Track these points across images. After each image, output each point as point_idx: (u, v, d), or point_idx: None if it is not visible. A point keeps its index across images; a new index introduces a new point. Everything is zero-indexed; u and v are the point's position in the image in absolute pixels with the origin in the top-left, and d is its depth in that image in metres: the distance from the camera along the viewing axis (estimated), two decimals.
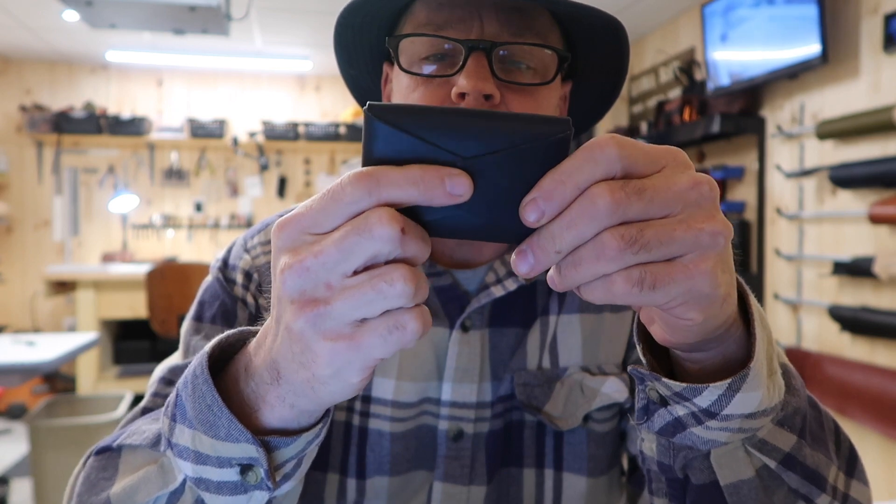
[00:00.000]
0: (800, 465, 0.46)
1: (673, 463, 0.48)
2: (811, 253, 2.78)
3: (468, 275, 0.68)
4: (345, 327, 0.33)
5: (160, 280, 3.54)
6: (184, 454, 0.41)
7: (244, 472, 0.40)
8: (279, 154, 5.17)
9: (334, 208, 0.32)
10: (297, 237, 0.33)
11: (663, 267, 0.33)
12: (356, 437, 0.66)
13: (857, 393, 2.45)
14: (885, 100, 2.41)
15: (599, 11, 0.58)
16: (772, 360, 0.43)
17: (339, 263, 0.32)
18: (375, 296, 0.32)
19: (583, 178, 0.32)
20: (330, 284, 0.33)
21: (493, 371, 0.67)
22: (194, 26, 2.76)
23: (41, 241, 4.81)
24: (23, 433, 3.73)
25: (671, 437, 0.45)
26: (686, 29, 3.67)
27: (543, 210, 0.32)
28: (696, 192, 0.33)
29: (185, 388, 0.41)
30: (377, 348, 0.33)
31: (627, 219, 0.32)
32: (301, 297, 0.33)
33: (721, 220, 0.34)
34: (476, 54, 0.57)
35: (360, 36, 0.66)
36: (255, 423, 0.40)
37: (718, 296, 0.35)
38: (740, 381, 0.39)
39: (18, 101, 4.77)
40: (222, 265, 0.71)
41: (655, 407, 0.44)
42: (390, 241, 0.31)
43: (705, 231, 0.33)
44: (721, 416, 0.41)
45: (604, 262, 0.32)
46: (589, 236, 0.32)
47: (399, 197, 0.32)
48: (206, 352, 0.41)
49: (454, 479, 0.66)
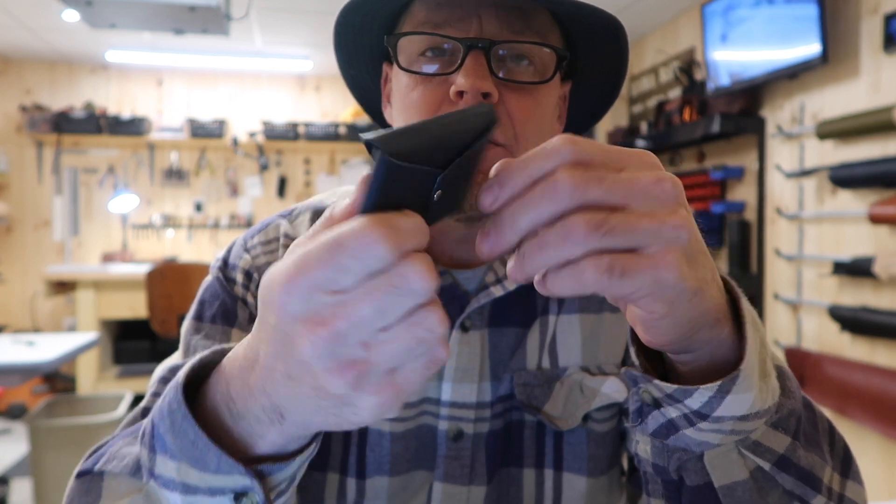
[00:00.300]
0: (794, 467, 0.46)
1: (667, 465, 0.48)
2: (811, 253, 2.78)
3: (468, 275, 0.68)
4: (385, 377, 0.32)
5: (160, 280, 3.54)
6: (170, 485, 0.40)
7: (238, 498, 0.39)
8: (279, 154, 5.17)
9: (353, 266, 0.30)
10: (313, 299, 0.30)
11: (630, 257, 0.33)
12: (356, 437, 0.66)
13: (857, 393, 2.45)
14: (885, 100, 2.41)
15: (599, 10, 0.58)
16: (765, 363, 0.43)
17: (374, 322, 0.30)
18: (417, 345, 0.31)
19: (535, 168, 0.33)
20: (367, 343, 0.31)
21: (492, 371, 0.67)
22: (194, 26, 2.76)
23: (41, 241, 4.82)
24: (23, 433, 3.73)
25: (665, 439, 0.45)
26: (686, 29, 3.67)
27: (496, 195, 0.34)
28: (658, 187, 0.34)
29: (161, 421, 0.39)
30: (417, 384, 0.33)
31: (587, 201, 0.33)
32: (336, 363, 0.31)
33: (683, 216, 0.34)
34: (474, 53, 0.56)
35: (359, 35, 0.66)
36: (248, 454, 0.39)
37: (685, 289, 0.35)
38: (730, 383, 0.40)
39: (18, 101, 4.77)
40: (222, 265, 0.71)
41: (649, 409, 0.45)
42: (429, 293, 0.31)
43: (668, 224, 0.34)
44: (713, 418, 0.41)
45: (570, 245, 0.32)
46: (547, 216, 0.33)
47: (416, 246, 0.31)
48: (181, 383, 0.40)
49: (454, 479, 0.66)
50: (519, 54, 0.59)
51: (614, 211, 0.33)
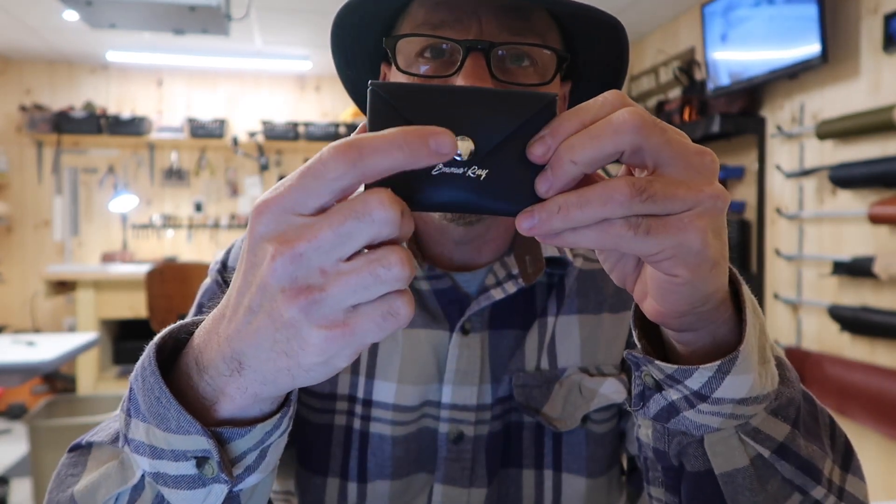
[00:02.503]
0: (794, 456, 0.46)
1: (668, 449, 0.49)
2: (811, 253, 2.78)
3: (467, 277, 0.68)
4: (339, 314, 0.32)
5: (160, 280, 3.54)
6: (140, 449, 0.40)
7: (200, 464, 0.38)
8: (279, 154, 5.17)
9: (317, 186, 0.31)
10: (282, 220, 0.32)
11: (658, 218, 0.34)
12: (357, 441, 0.66)
13: (857, 393, 2.45)
14: (885, 100, 2.41)
15: (599, 11, 0.58)
16: (764, 349, 0.43)
17: (335, 248, 0.31)
18: (373, 281, 0.31)
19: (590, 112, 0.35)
20: (325, 270, 0.31)
21: (492, 373, 0.67)
22: (194, 26, 2.76)
23: (41, 241, 4.81)
24: (23, 433, 3.73)
25: (666, 422, 0.45)
26: (686, 29, 3.66)
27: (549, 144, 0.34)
28: (701, 158, 0.35)
29: (136, 382, 0.40)
30: (371, 334, 0.32)
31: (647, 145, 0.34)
32: (293, 285, 0.31)
33: (720, 188, 0.36)
34: (474, 54, 0.56)
35: (357, 36, 0.66)
36: (211, 416, 0.38)
37: (708, 256, 0.36)
38: (730, 364, 0.40)
39: (18, 101, 4.77)
40: (221, 267, 0.71)
41: (651, 392, 0.45)
42: (391, 224, 0.31)
43: (706, 193, 0.35)
44: (712, 399, 0.41)
45: (611, 206, 0.33)
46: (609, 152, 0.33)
47: (384, 164, 0.31)
48: (155, 342, 0.40)
49: (455, 481, 0.66)
50: (519, 55, 0.59)
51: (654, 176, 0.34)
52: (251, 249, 0.33)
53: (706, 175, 0.35)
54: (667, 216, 0.34)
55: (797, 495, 0.47)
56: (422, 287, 0.67)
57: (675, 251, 0.35)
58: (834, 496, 0.48)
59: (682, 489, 0.50)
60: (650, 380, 0.44)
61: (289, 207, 0.32)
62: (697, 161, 0.35)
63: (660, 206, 0.34)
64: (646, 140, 0.33)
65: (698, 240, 0.35)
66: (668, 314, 0.40)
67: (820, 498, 0.47)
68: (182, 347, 0.41)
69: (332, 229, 0.31)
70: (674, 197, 0.34)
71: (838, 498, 0.49)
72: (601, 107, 0.35)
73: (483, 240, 0.67)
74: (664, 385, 0.43)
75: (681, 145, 0.35)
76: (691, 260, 0.36)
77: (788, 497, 0.47)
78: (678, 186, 0.34)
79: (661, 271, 0.37)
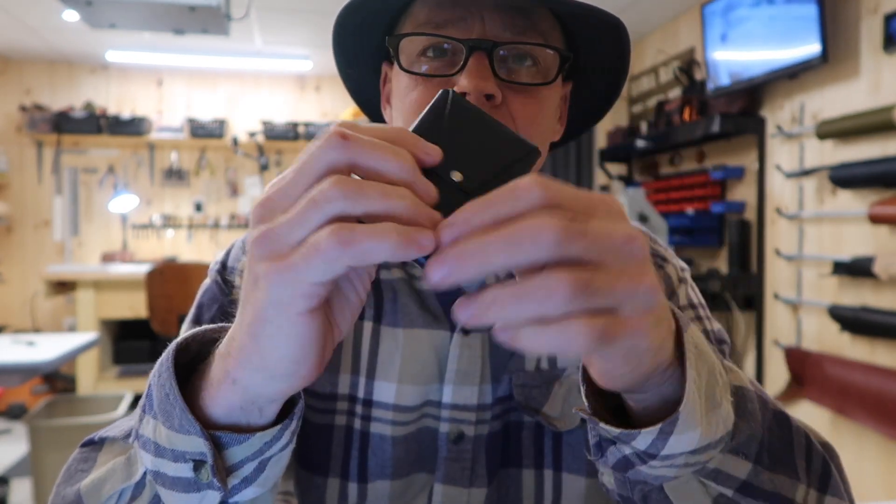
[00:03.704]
0: (758, 491, 0.46)
1: (632, 495, 0.49)
2: (811, 253, 2.78)
3: None
4: (284, 248, 0.32)
5: (160, 280, 3.54)
6: (146, 445, 0.41)
7: (197, 468, 0.39)
8: (279, 154, 5.17)
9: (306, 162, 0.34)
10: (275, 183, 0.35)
11: (614, 321, 0.32)
12: (357, 441, 0.66)
13: (857, 393, 2.45)
14: (885, 100, 2.41)
15: (601, 11, 0.58)
16: (713, 394, 0.42)
17: (293, 187, 0.33)
18: (307, 206, 0.32)
19: (503, 210, 0.31)
20: (284, 207, 0.33)
21: (493, 373, 0.67)
22: (194, 26, 2.76)
23: (41, 241, 4.81)
24: (23, 433, 3.73)
25: (624, 472, 0.45)
26: (686, 29, 3.66)
27: (457, 233, 0.31)
28: (630, 245, 0.32)
29: (154, 378, 0.41)
30: (302, 269, 0.32)
31: (568, 254, 0.30)
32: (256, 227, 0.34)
33: (653, 278, 0.33)
34: (477, 54, 0.56)
35: (359, 35, 0.66)
36: (207, 416, 0.39)
37: (651, 349, 0.36)
38: (671, 426, 0.39)
39: (18, 101, 4.77)
40: (221, 268, 0.71)
41: (607, 444, 0.45)
42: (333, 147, 0.32)
43: (642, 286, 0.32)
44: (661, 457, 0.41)
45: (553, 302, 0.30)
46: (525, 261, 0.30)
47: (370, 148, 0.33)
48: (178, 340, 0.41)
49: (455, 481, 0.66)
50: (522, 54, 0.59)
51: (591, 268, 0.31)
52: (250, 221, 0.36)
53: (637, 262, 0.33)
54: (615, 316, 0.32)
55: None
56: (423, 287, 0.67)
57: (625, 353, 0.34)
58: None
59: None
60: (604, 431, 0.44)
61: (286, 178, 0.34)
62: (628, 248, 0.32)
63: (601, 300, 0.31)
64: (568, 249, 0.30)
65: (645, 340, 0.34)
66: (611, 386, 0.40)
67: None
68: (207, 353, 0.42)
69: (291, 172, 0.33)
70: (613, 290, 0.31)
71: None
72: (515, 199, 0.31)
73: None
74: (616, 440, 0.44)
75: (607, 239, 0.31)
76: (636, 358, 0.35)
77: None
78: (618, 278, 0.31)
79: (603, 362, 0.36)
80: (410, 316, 0.66)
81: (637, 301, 0.32)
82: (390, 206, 0.31)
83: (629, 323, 0.32)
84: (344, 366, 0.66)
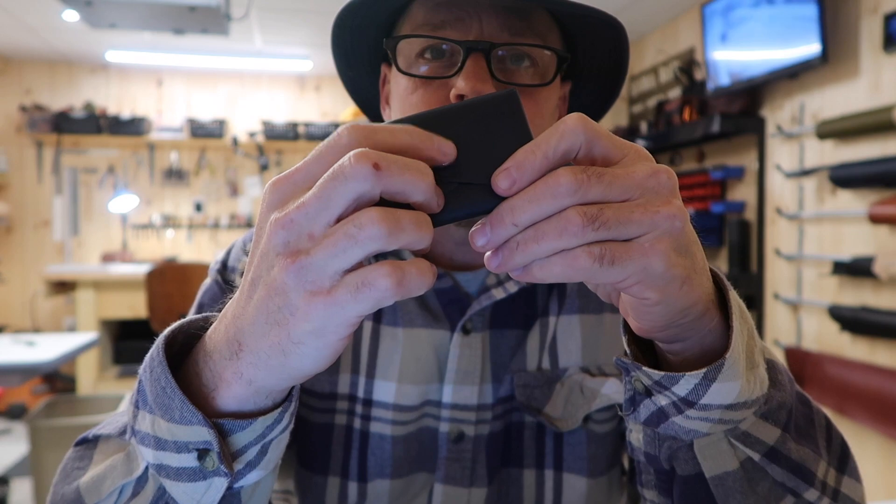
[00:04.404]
0: (784, 459, 0.46)
1: (659, 453, 0.49)
2: (811, 253, 2.78)
3: (469, 277, 0.68)
4: (325, 280, 0.32)
5: (160, 280, 3.54)
6: (145, 440, 0.41)
7: (202, 457, 0.39)
8: (279, 154, 5.17)
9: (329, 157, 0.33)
10: (289, 191, 0.34)
11: (621, 245, 0.34)
12: (357, 440, 0.66)
13: (857, 393, 2.45)
14: (885, 100, 2.41)
15: (599, 11, 0.58)
16: (752, 354, 0.43)
17: (320, 212, 0.32)
18: (347, 242, 0.31)
19: (549, 148, 0.34)
20: (312, 234, 0.32)
21: (493, 373, 0.67)
22: (194, 26, 2.76)
23: (41, 241, 4.81)
24: (23, 433, 3.73)
25: (655, 426, 0.45)
26: (686, 29, 3.66)
27: (514, 178, 0.34)
28: (654, 179, 0.35)
29: (145, 373, 0.41)
30: (350, 305, 0.32)
31: (587, 199, 0.34)
32: (286, 250, 0.33)
33: (677, 205, 0.36)
34: (475, 55, 0.56)
35: (357, 37, 0.66)
36: (212, 406, 0.39)
37: (674, 276, 0.36)
38: (716, 371, 0.40)
39: (18, 101, 4.77)
40: (221, 267, 0.71)
41: (641, 397, 0.45)
42: (364, 179, 0.31)
43: (661, 213, 0.35)
44: (700, 406, 0.42)
45: (566, 237, 0.33)
46: (548, 212, 0.34)
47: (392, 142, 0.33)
48: (165, 334, 0.41)
49: (455, 480, 0.66)
50: (519, 55, 0.59)
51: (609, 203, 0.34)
52: (259, 223, 0.36)
53: (662, 194, 0.35)
54: (628, 242, 0.35)
55: (790, 497, 0.47)
56: None
57: (640, 276, 0.35)
58: (828, 498, 0.48)
59: (674, 492, 0.50)
60: (640, 385, 0.44)
61: (299, 181, 0.34)
62: (652, 183, 0.35)
63: (614, 231, 0.34)
64: (586, 192, 0.34)
65: (661, 263, 0.35)
66: (648, 330, 0.41)
67: (813, 500, 0.47)
68: (194, 343, 0.42)
69: (315, 193, 0.32)
70: (628, 221, 0.34)
71: (832, 499, 0.49)
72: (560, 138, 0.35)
73: None
74: (653, 391, 0.44)
75: (627, 178, 0.35)
76: (658, 283, 0.36)
77: (781, 499, 0.47)
78: (633, 209, 0.34)
79: (630, 295, 0.38)
80: (410, 315, 0.66)
81: (655, 228, 0.35)
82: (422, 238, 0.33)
83: (640, 247, 0.35)
84: (344, 365, 0.66)
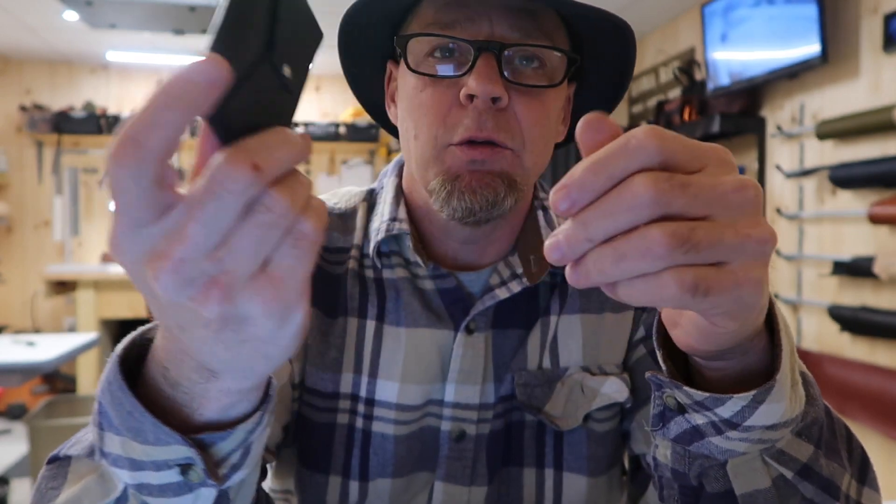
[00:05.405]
0: (816, 476, 0.46)
1: (688, 471, 0.48)
2: (811, 253, 2.78)
3: (472, 277, 0.68)
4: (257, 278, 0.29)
5: None
6: (118, 462, 0.39)
7: (185, 471, 0.38)
8: None
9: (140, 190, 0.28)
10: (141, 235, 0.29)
11: (713, 273, 0.31)
12: (359, 439, 0.66)
13: (857, 393, 2.45)
14: (885, 100, 2.41)
15: (607, 13, 0.58)
16: (794, 371, 0.42)
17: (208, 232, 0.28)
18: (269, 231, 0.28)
19: (617, 169, 0.30)
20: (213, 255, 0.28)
21: (495, 372, 0.67)
22: (194, 26, 2.76)
23: (41, 241, 4.81)
24: (23, 433, 3.72)
25: (688, 445, 0.45)
26: (686, 29, 3.67)
27: (574, 199, 0.31)
28: (740, 195, 0.31)
29: (104, 396, 0.38)
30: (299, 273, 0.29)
31: (669, 213, 0.30)
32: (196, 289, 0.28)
33: (768, 228, 0.32)
34: (485, 55, 0.56)
35: (365, 34, 0.66)
36: (189, 421, 0.37)
37: (760, 306, 0.35)
38: (765, 393, 0.39)
39: (18, 101, 4.77)
40: None
41: (672, 414, 0.44)
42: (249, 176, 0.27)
43: (753, 238, 0.31)
44: (742, 427, 0.41)
45: (649, 260, 0.30)
46: (625, 226, 0.30)
47: None
48: (117, 354, 0.39)
49: (455, 479, 0.66)
50: (529, 56, 0.59)
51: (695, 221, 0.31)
52: (134, 282, 0.30)
53: (750, 213, 0.32)
54: (718, 268, 0.31)
55: None
56: (426, 286, 0.67)
57: (730, 307, 0.33)
58: None
59: None
60: (672, 402, 0.43)
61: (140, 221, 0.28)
62: (738, 199, 0.31)
63: (704, 255, 0.30)
64: (667, 208, 0.30)
65: (755, 294, 0.33)
66: (703, 352, 0.39)
67: None
68: (145, 353, 0.40)
69: (196, 220, 0.27)
70: (719, 244, 0.30)
71: None
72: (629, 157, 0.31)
73: (488, 240, 0.67)
74: (689, 409, 0.42)
75: (713, 190, 0.31)
76: (745, 313, 0.34)
77: None
78: (723, 230, 0.31)
79: (710, 323, 0.35)
80: (414, 315, 0.66)
81: (747, 253, 0.31)
82: None
83: (733, 276, 0.31)
84: (346, 365, 0.66)
